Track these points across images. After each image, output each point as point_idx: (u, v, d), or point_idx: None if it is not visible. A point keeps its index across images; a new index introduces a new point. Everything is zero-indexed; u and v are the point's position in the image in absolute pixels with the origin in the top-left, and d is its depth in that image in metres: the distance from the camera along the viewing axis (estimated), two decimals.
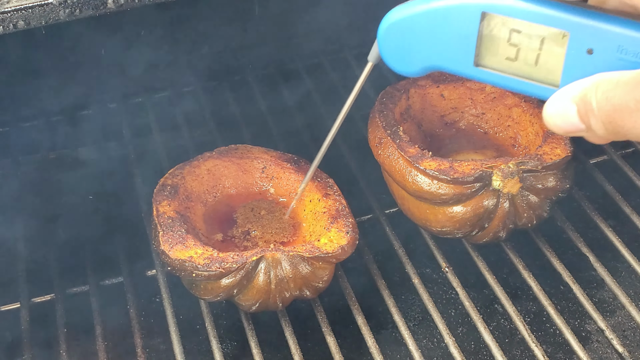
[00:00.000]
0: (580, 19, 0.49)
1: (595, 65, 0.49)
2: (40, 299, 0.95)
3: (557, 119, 0.50)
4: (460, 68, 0.55)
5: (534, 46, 0.51)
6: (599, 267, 0.93)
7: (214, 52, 1.25)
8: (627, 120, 0.46)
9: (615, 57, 0.48)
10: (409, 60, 0.57)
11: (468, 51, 0.53)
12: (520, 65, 0.52)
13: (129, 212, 1.06)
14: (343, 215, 0.88)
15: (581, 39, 0.49)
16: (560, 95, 0.49)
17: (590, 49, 0.49)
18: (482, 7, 0.51)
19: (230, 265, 0.80)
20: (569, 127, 0.49)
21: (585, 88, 0.48)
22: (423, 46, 0.55)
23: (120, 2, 0.69)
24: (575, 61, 0.50)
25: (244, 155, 0.97)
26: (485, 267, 0.93)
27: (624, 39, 0.48)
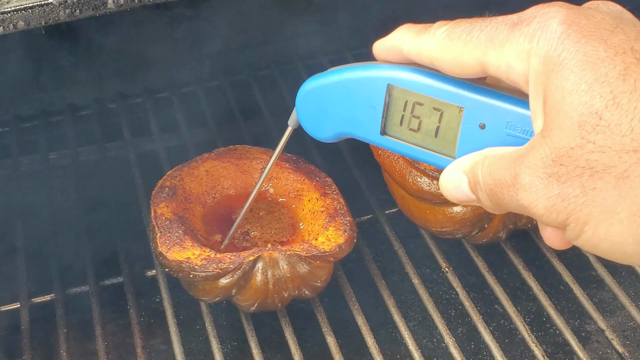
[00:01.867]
0: (474, 95, 0.52)
1: (487, 139, 0.52)
2: (40, 299, 0.95)
3: (451, 189, 0.52)
4: (368, 136, 0.58)
5: (433, 119, 0.54)
6: (599, 267, 0.93)
7: (214, 52, 1.25)
8: (506, 194, 0.48)
9: (504, 132, 0.51)
10: (323, 127, 0.61)
11: (375, 120, 0.57)
12: (422, 136, 0.55)
13: (129, 212, 1.06)
14: (341, 214, 0.88)
15: (475, 114, 0.52)
16: (454, 167, 0.52)
17: (483, 124, 0.52)
18: (388, 80, 0.55)
19: (228, 265, 0.80)
20: (462, 197, 0.52)
21: (474, 161, 0.51)
22: (335, 114, 0.59)
23: (120, 2, 0.69)
24: (469, 134, 0.53)
25: (243, 155, 0.97)
26: (485, 267, 0.93)
27: (511, 115, 0.50)
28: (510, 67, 0.47)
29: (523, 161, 0.46)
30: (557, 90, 0.45)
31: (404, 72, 0.54)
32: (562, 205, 0.45)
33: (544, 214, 0.46)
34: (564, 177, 0.44)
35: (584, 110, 0.43)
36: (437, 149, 0.55)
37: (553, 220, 0.46)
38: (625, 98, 0.43)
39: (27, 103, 1.20)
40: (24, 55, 1.16)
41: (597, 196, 0.44)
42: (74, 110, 1.20)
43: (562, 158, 0.44)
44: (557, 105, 0.45)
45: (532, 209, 0.46)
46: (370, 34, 1.34)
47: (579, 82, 0.44)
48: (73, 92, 1.21)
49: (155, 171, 1.04)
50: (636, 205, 0.43)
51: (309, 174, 0.94)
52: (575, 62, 0.44)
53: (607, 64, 0.43)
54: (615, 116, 0.43)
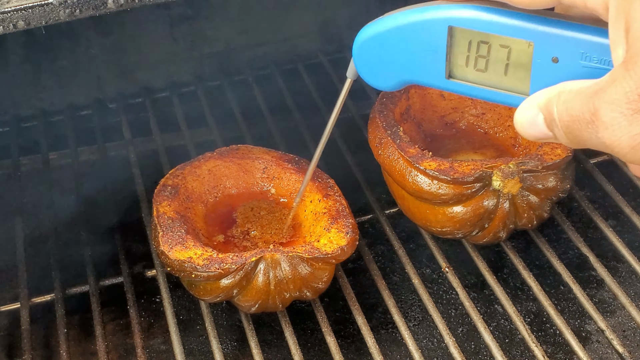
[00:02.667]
0: (544, 28, 0.49)
1: (561, 73, 0.49)
2: (40, 299, 0.95)
3: (527, 126, 0.50)
4: (433, 81, 0.55)
5: (501, 57, 0.52)
6: (599, 267, 0.93)
7: (214, 52, 1.25)
8: (584, 131, 0.45)
9: (579, 64, 0.49)
10: (384, 76, 0.58)
11: (439, 64, 0.54)
12: (491, 76, 0.53)
13: (129, 212, 1.06)
14: (343, 215, 0.87)
15: (546, 48, 0.49)
16: (528, 104, 0.50)
17: (556, 58, 0.49)
18: (449, 21, 0.52)
19: (230, 266, 0.80)
20: (538, 134, 0.50)
21: (549, 97, 0.48)
22: (396, 61, 0.56)
23: (120, 2, 0.69)
24: (542, 70, 0.50)
25: (245, 155, 0.97)
26: (485, 267, 0.93)
27: (587, 45, 0.48)
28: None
29: (603, 96, 0.43)
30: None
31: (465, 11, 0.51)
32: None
33: (629, 152, 0.43)
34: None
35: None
36: (508, 88, 0.52)
37: (639, 158, 0.43)
38: None
39: (27, 103, 1.20)
40: (24, 55, 1.16)
41: None
42: (74, 110, 1.20)
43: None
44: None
45: (614, 148, 0.44)
46: None
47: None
48: (73, 92, 1.21)
49: (156, 171, 1.04)
50: None
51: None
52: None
53: None
54: None
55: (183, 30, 1.22)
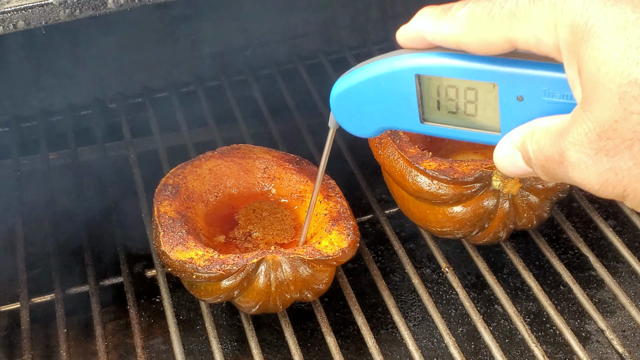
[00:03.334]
0: (505, 69, 0.50)
1: (528, 110, 0.50)
2: (40, 299, 0.95)
3: (507, 165, 0.51)
4: (409, 126, 0.57)
5: (470, 98, 0.53)
6: (599, 267, 0.93)
7: (214, 52, 1.25)
8: (557, 170, 0.46)
9: (543, 100, 0.49)
10: (362, 124, 0.60)
11: (412, 110, 0.55)
12: (462, 117, 0.54)
13: (129, 212, 1.06)
14: (344, 217, 0.87)
15: (509, 88, 0.50)
16: (505, 143, 0.51)
17: (520, 96, 0.50)
18: (415, 70, 0.53)
19: (231, 267, 0.80)
20: (519, 171, 0.50)
21: (523, 136, 0.49)
22: (371, 111, 0.58)
23: (120, 2, 0.69)
24: (509, 108, 0.51)
25: (246, 155, 0.96)
26: (485, 267, 0.93)
27: (548, 82, 0.49)
28: (539, 39, 0.45)
29: (567, 137, 0.44)
30: (590, 61, 0.42)
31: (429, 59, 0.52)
32: (616, 179, 0.43)
33: (599, 189, 0.44)
34: (612, 151, 0.42)
35: (621, 81, 0.41)
36: (481, 127, 0.53)
37: (610, 193, 0.44)
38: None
39: (27, 103, 1.20)
40: (24, 55, 1.16)
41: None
42: (74, 110, 1.20)
43: (607, 132, 0.42)
44: (593, 77, 0.42)
45: (586, 185, 0.45)
46: (370, 33, 1.34)
47: (611, 50, 0.41)
48: (73, 92, 1.21)
49: (156, 171, 1.04)
50: None
51: (312, 175, 0.94)
52: (603, 29, 0.42)
53: (638, 27, 0.41)
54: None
55: (183, 30, 1.22)
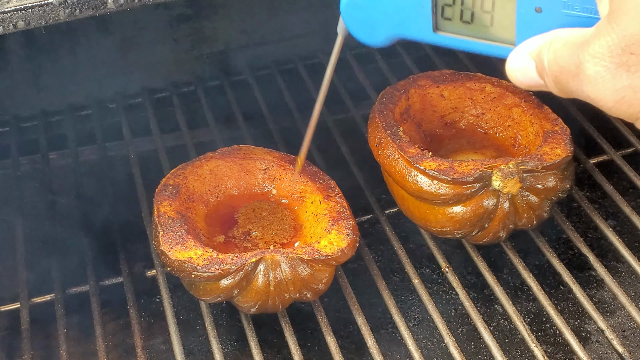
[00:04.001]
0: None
1: (546, 22, 0.49)
2: (40, 299, 0.95)
3: (518, 74, 0.50)
4: (421, 35, 0.55)
5: (486, 8, 0.51)
6: (599, 267, 0.93)
7: (214, 52, 1.25)
8: (571, 83, 0.45)
9: (562, 13, 0.48)
10: (373, 32, 0.58)
11: (426, 18, 0.54)
12: (477, 27, 0.53)
13: (129, 212, 1.06)
14: (344, 217, 0.87)
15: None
16: (520, 51, 0.49)
17: (539, 7, 0.49)
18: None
19: (230, 266, 0.80)
20: (530, 81, 0.49)
21: (540, 45, 0.48)
22: (383, 17, 0.56)
23: (120, 2, 0.69)
24: (526, 20, 0.50)
25: (247, 155, 0.96)
26: (485, 267, 0.93)
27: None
28: None
29: (587, 49, 0.43)
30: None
31: None
32: (633, 97, 0.42)
33: (613, 106, 0.43)
34: (634, 67, 0.41)
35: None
36: (495, 38, 0.52)
37: (624, 112, 0.43)
38: None
39: (27, 103, 1.20)
40: (24, 55, 1.16)
41: None
42: (74, 110, 1.20)
43: (632, 46, 0.41)
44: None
45: (599, 102, 0.44)
46: None
47: None
48: (73, 92, 1.21)
49: (155, 171, 1.04)
50: None
51: (312, 176, 0.94)
52: None
53: None
54: None
55: (183, 30, 1.22)
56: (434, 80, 1.03)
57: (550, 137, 0.91)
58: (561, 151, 0.89)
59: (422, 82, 1.02)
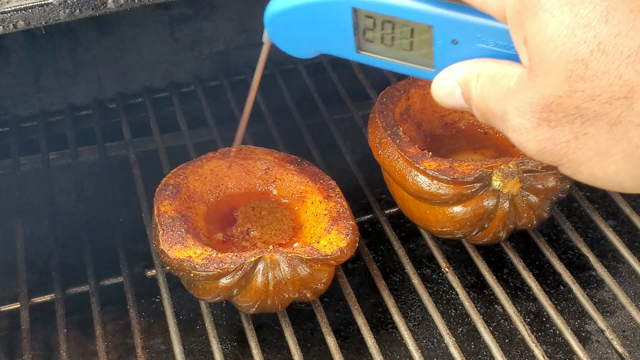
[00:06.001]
0: (442, 11, 0.50)
1: (462, 53, 0.50)
2: (40, 299, 0.95)
3: (444, 97, 0.51)
4: (345, 54, 0.56)
5: (405, 34, 0.52)
6: (599, 267, 0.93)
7: (214, 52, 1.25)
8: (498, 124, 0.47)
9: (477, 47, 0.49)
10: (298, 46, 0.59)
11: (348, 39, 0.55)
12: (397, 50, 0.54)
13: (129, 212, 1.06)
14: (344, 217, 0.87)
15: (445, 31, 0.50)
16: (447, 75, 0.50)
17: (455, 40, 0.50)
18: (351, 3, 0.53)
19: (229, 266, 0.80)
20: (455, 105, 0.51)
21: (467, 75, 0.49)
22: (307, 35, 0.57)
23: (120, 2, 0.69)
24: (443, 49, 0.51)
25: (248, 156, 0.96)
26: (485, 267, 0.93)
27: (482, 30, 0.49)
28: (484, 2, 0.46)
29: (512, 100, 0.45)
30: (537, 35, 0.43)
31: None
32: (554, 149, 0.44)
33: (535, 154, 0.45)
34: (554, 123, 0.43)
35: (568, 58, 0.42)
36: (415, 62, 0.53)
37: (545, 160, 0.45)
38: (611, 43, 0.41)
39: (27, 103, 1.20)
40: (24, 55, 1.16)
41: (589, 140, 0.43)
42: (74, 110, 1.20)
43: (550, 106, 0.43)
44: (540, 52, 0.43)
45: (523, 149, 0.46)
46: None
47: (559, 26, 0.42)
48: (73, 92, 1.21)
49: (155, 171, 1.04)
50: (630, 147, 0.42)
51: (313, 176, 0.94)
52: (552, 3, 0.42)
53: (587, 4, 0.41)
54: (602, 63, 0.41)
55: (183, 30, 1.22)
56: None
57: None
58: None
59: (422, 82, 1.02)
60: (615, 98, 0.41)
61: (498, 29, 0.48)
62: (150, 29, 1.20)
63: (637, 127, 0.42)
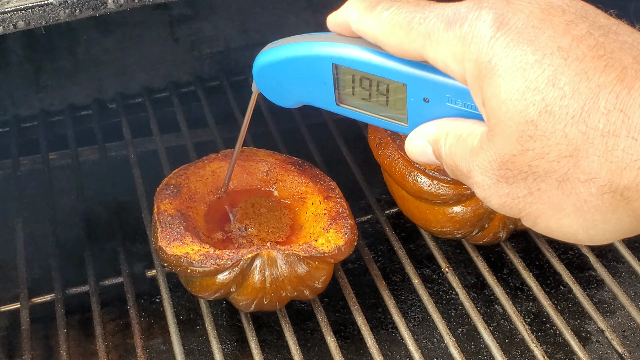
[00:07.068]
0: (414, 71, 0.53)
1: (433, 111, 0.53)
2: (40, 299, 0.95)
3: (417, 155, 0.54)
4: (326, 106, 0.60)
5: (381, 90, 0.56)
6: (599, 267, 0.93)
7: (214, 52, 1.25)
8: (464, 180, 0.50)
9: (446, 105, 0.52)
10: (283, 96, 0.63)
11: (328, 93, 0.58)
12: (374, 105, 0.57)
13: (129, 212, 1.06)
14: (343, 217, 0.87)
15: (417, 89, 0.53)
16: (419, 134, 0.54)
17: (426, 98, 0.53)
18: (332, 59, 0.56)
19: (225, 262, 0.80)
20: (428, 162, 0.54)
21: (436, 134, 0.53)
22: (291, 87, 0.61)
23: (120, 2, 0.69)
24: (416, 107, 0.54)
25: (249, 157, 0.96)
26: (485, 267, 0.93)
27: (450, 90, 0.51)
28: (447, 65, 0.48)
29: (475, 159, 0.48)
30: (492, 98, 0.45)
31: (346, 50, 0.55)
32: (513, 203, 0.47)
33: (498, 208, 0.48)
34: (511, 179, 0.46)
35: (520, 120, 0.44)
36: (390, 117, 0.57)
37: (507, 213, 0.48)
38: (557, 105, 0.43)
39: (27, 103, 1.20)
40: (24, 55, 1.16)
41: (542, 195, 0.46)
42: (74, 110, 1.20)
43: (506, 164, 0.46)
44: (495, 114, 0.46)
45: (487, 203, 0.49)
46: None
47: (511, 90, 0.44)
48: (73, 92, 1.21)
49: (155, 171, 1.04)
50: (579, 202, 0.45)
51: (313, 177, 0.94)
52: (505, 69, 0.45)
53: (536, 69, 0.44)
54: (550, 124, 0.44)
55: (183, 30, 1.22)
56: None
57: None
58: None
59: None
60: (562, 156, 0.44)
61: (464, 90, 0.50)
62: (150, 29, 1.20)
63: (582, 184, 0.44)
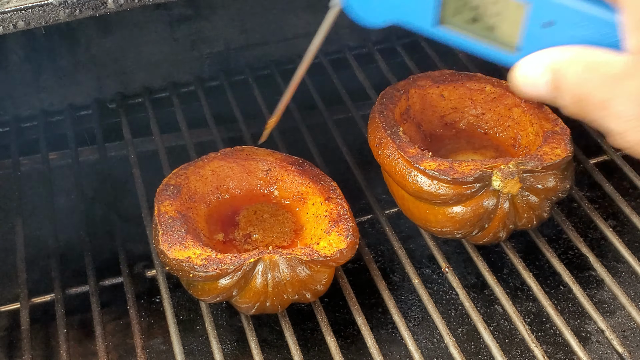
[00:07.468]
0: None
1: (555, 37, 0.47)
2: (40, 299, 0.95)
3: (527, 83, 0.48)
4: (422, 25, 0.53)
5: (494, 11, 0.49)
6: (599, 267, 0.93)
7: (214, 52, 1.25)
8: (594, 112, 0.44)
9: (571, 33, 0.47)
10: (372, 10, 0.55)
11: (429, 9, 0.52)
12: (481, 29, 0.51)
13: (129, 212, 1.06)
14: (344, 219, 0.87)
15: (542, 11, 0.47)
16: (536, 61, 0.47)
17: (548, 22, 0.47)
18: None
19: (228, 266, 0.80)
20: (536, 93, 0.48)
21: (559, 61, 0.46)
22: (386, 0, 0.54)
23: (120, 2, 0.69)
24: (535, 31, 0.48)
25: (249, 156, 0.96)
26: (485, 267, 0.93)
27: (583, 17, 0.46)
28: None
29: (619, 85, 0.42)
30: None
31: None
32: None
33: (634, 145, 0.43)
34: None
35: None
36: (498, 42, 0.50)
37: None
38: None
39: (27, 103, 1.20)
40: (24, 55, 1.16)
41: None
42: (74, 110, 1.20)
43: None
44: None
45: (622, 138, 0.43)
46: (370, 34, 1.34)
47: None
48: (73, 92, 1.21)
49: (155, 171, 1.04)
50: None
51: (314, 177, 0.94)
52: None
53: None
54: None
55: (183, 30, 1.22)
56: (434, 81, 1.03)
57: (550, 137, 0.91)
58: (561, 151, 0.89)
59: (422, 82, 1.02)
60: None
61: (600, 19, 0.45)
62: (150, 29, 1.20)
63: None
